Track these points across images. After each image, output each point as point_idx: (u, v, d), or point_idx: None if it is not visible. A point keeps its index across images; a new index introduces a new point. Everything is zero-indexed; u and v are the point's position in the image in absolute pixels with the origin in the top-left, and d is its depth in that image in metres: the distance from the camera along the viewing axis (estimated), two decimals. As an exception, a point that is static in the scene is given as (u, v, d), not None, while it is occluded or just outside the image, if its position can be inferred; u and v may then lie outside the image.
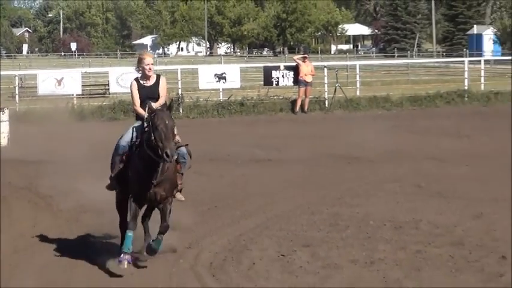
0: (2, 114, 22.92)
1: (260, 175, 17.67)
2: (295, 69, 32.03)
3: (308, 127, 27.10)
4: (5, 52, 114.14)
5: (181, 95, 31.48)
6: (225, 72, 32.56)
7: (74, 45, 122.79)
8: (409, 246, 11.25)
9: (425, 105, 32.77)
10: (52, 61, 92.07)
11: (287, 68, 32.75)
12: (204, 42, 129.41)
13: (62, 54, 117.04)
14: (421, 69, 55.13)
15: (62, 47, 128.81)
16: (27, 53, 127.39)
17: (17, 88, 32.12)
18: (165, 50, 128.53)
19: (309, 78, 31.46)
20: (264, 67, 34.07)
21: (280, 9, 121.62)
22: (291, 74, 32.24)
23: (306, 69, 31.57)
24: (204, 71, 33.19)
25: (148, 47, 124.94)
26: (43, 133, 21.00)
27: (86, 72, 39.45)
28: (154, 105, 10.08)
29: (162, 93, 10.56)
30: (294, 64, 32.64)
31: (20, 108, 29.92)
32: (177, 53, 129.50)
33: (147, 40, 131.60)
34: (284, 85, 32.64)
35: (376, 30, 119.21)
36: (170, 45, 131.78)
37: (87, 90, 33.69)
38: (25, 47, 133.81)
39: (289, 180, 16.94)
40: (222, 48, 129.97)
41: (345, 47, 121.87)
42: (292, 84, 32.37)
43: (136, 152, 10.22)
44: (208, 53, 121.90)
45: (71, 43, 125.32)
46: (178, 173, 10.51)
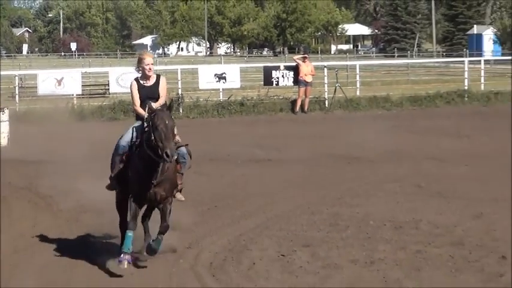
0: (2, 114, 22.93)
1: (260, 175, 17.67)
2: (295, 69, 32.03)
3: (308, 127, 27.08)
4: (5, 52, 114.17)
5: (181, 95, 31.47)
6: (225, 72, 32.56)
7: (74, 45, 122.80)
8: (409, 246, 11.25)
9: (425, 105, 32.78)
10: (52, 61, 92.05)
11: (287, 68, 32.75)
12: (204, 42, 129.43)
13: (62, 54, 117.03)
14: (421, 69, 55.13)
15: (62, 47, 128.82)
16: (27, 53, 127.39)
17: (17, 88, 32.15)
18: (165, 50, 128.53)
19: (309, 78, 31.46)
20: (264, 67, 34.07)
21: (280, 9, 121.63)
22: (291, 74, 32.24)
23: (306, 69, 31.57)
24: (204, 71, 33.20)
25: (149, 47, 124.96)
26: (43, 133, 20.99)
27: (86, 72, 39.44)
28: (154, 105, 10.08)
29: (162, 93, 10.56)
30: (294, 64, 32.64)
31: (20, 108, 29.93)
32: (177, 53, 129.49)
33: (147, 40, 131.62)
34: (284, 85, 32.64)
35: (376, 30, 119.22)
36: (170, 45, 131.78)
37: (87, 90, 33.69)
38: (25, 47, 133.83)
39: (289, 180, 16.93)
40: (222, 48, 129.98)
41: (345, 47, 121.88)
42: (292, 84, 32.37)
43: (136, 152, 10.22)
44: (208, 53, 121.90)
45: (71, 43, 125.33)
46: (178, 173, 10.51)
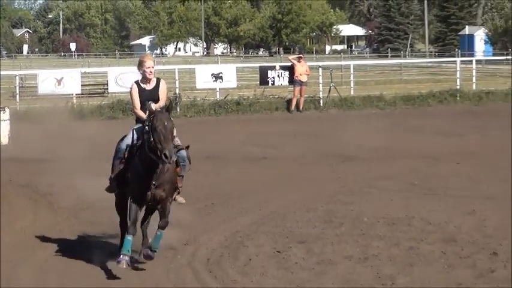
0: (3, 113, 23.01)
1: (256, 173, 17.74)
2: (291, 69, 32.12)
3: (303, 126, 27.10)
4: (5, 52, 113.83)
5: (179, 94, 31.55)
6: (221, 72, 32.63)
7: (73, 46, 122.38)
8: (402, 243, 11.35)
9: (418, 105, 32.87)
10: (52, 61, 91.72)
11: (282, 68, 32.85)
12: (201, 43, 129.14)
13: (62, 54, 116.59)
14: (414, 69, 55.23)
15: (61, 47, 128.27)
16: (28, 53, 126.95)
17: (17, 88, 32.28)
18: (163, 50, 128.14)
19: (304, 78, 31.57)
20: (260, 67, 34.21)
21: (275, 10, 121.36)
22: (287, 73, 32.32)
23: (301, 69, 31.67)
24: (201, 71, 33.29)
25: (147, 48, 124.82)
26: (43, 132, 20.92)
27: (85, 72, 39.39)
28: (154, 106, 10.11)
29: (161, 96, 10.58)
30: (289, 64, 32.73)
31: (21, 107, 30.01)
32: (174, 53, 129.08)
33: (145, 41, 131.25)
34: (280, 85, 32.71)
35: (369, 31, 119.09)
36: (168, 46, 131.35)
37: (87, 89, 33.68)
38: (25, 48, 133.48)
39: (284, 178, 17.00)
40: (219, 48, 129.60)
41: (339, 47, 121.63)
42: (287, 83, 32.45)
43: (137, 154, 10.22)
44: (205, 53, 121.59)
45: (71, 43, 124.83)
46: (178, 175, 10.51)
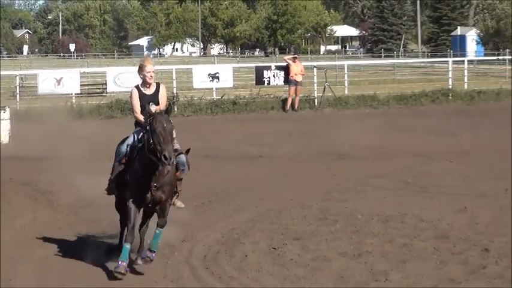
0: (3, 112, 23.14)
1: (252, 171, 17.84)
2: (286, 69, 32.26)
3: (298, 125, 27.19)
4: (6, 53, 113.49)
5: (176, 94, 31.67)
6: (218, 72, 32.76)
7: (72, 46, 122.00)
8: (395, 240, 11.46)
9: (411, 104, 33.01)
10: (51, 61, 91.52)
11: (278, 68, 32.98)
12: (198, 43, 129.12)
13: (61, 54, 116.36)
14: (407, 69, 55.32)
15: (61, 47, 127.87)
16: (28, 53, 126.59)
17: (17, 87, 32.42)
18: (161, 50, 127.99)
19: (299, 78, 31.69)
20: (256, 67, 34.32)
21: (271, 11, 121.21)
22: (282, 73, 32.45)
23: (296, 69, 31.81)
24: (198, 71, 33.43)
25: (144, 48, 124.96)
26: (43, 131, 20.90)
27: (84, 72, 39.38)
28: (153, 108, 10.13)
29: (161, 101, 10.56)
30: (284, 64, 32.87)
31: (21, 107, 30.10)
32: (172, 53, 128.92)
33: (143, 41, 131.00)
34: (275, 84, 32.84)
35: (363, 32, 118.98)
36: (165, 46, 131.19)
37: (86, 89, 33.84)
38: (25, 48, 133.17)
39: (280, 176, 17.11)
40: (215, 48, 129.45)
41: (333, 47, 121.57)
42: (283, 83, 32.59)
43: (137, 156, 10.21)
44: (202, 53, 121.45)
45: (70, 44, 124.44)
46: (178, 179, 10.54)
